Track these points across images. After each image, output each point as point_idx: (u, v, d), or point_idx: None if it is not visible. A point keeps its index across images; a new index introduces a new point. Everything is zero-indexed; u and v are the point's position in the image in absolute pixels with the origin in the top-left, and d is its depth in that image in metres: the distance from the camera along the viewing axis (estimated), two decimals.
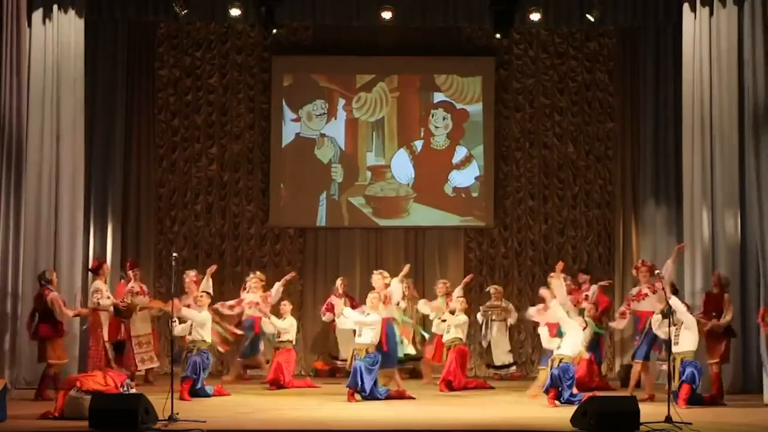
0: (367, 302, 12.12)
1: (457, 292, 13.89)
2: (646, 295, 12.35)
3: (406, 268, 13.13)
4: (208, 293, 12.74)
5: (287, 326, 13.28)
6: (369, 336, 11.80)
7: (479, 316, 14.88)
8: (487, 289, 15.16)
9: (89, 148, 14.01)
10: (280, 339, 13.24)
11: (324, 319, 14.41)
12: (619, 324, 12.91)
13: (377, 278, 12.49)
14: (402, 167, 16.23)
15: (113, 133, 14.64)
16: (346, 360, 13.37)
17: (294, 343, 13.55)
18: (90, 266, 13.34)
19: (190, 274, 13.54)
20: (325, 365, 15.15)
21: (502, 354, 14.81)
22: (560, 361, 11.36)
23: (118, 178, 14.74)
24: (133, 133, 15.46)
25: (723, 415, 10.57)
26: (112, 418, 8.82)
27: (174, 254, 10.97)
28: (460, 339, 13.31)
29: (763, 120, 12.50)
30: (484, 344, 14.90)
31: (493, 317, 14.83)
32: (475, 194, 16.22)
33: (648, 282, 12.37)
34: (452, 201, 16.23)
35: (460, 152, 16.20)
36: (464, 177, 16.19)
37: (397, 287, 12.59)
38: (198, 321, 11.94)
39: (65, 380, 10.39)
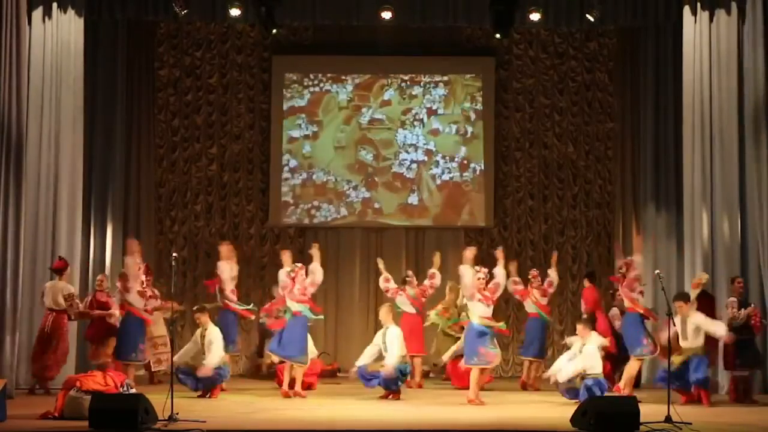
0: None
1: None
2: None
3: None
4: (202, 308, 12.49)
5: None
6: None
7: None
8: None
9: (89, 148, 14.00)
10: None
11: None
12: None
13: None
14: None
15: (113, 133, 14.62)
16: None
17: None
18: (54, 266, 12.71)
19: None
20: (325, 366, 15.13)
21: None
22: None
23: (118, 178, 14.72)
24: (133, 133, 15.45)
25: (722, 415, 10.57)
26: (112, 418, 8.82)
27: (174, 254, 10.96)
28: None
29: (763, 121, 12.52)
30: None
31: None
32: (475, 194, 16.20)
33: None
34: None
35: (461, 152, 16.18)
36: (464, 177, 16.16)
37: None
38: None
39: (65, 380, 10.37)
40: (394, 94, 16.06)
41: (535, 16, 13.72)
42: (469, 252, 11.94)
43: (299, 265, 12.33)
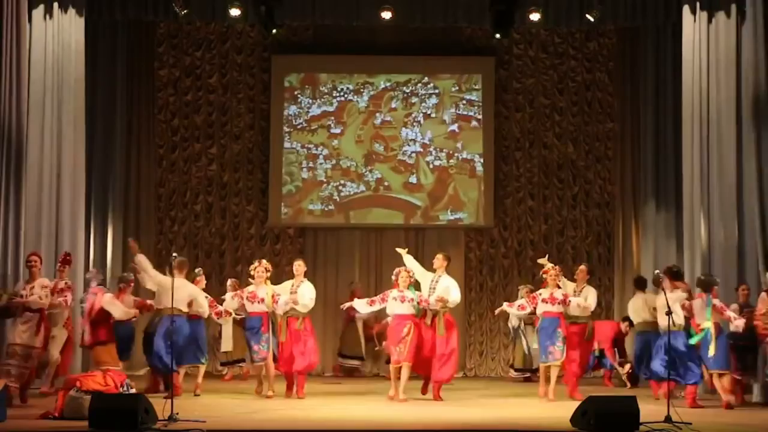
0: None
1: None
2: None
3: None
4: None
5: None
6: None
7: (514, 320, 14.48)
8: (519, 290, 14.75)
9: (89, 148, 14.00)
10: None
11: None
12: None
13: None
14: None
15: (113, 133, 14.66)
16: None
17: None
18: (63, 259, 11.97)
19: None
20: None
21: (533, 357, 14.34)
22: None
23: (118, 178, 14.75)
24: (133, 133, 15.49)
25: (723, 415, 10.57)
26: (112, 418, 8.80)
27: (174, 254, 10.92)
28: None
29: (762, 121, 12.52)
30: (525, 349, 14.50)
31: (526, 320, 14.19)
32: (475, 194, 16.25)
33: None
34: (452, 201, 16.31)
35: (447, 145, 16.30)
36: (450, 163, 16.26)
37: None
38: None
39: (65, 380, 10.36)
40: (398, 103, 16.41)
41: (535, 16, 13.71)
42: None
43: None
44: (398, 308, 11.74)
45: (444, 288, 11.87)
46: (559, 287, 12.12)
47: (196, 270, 12.97)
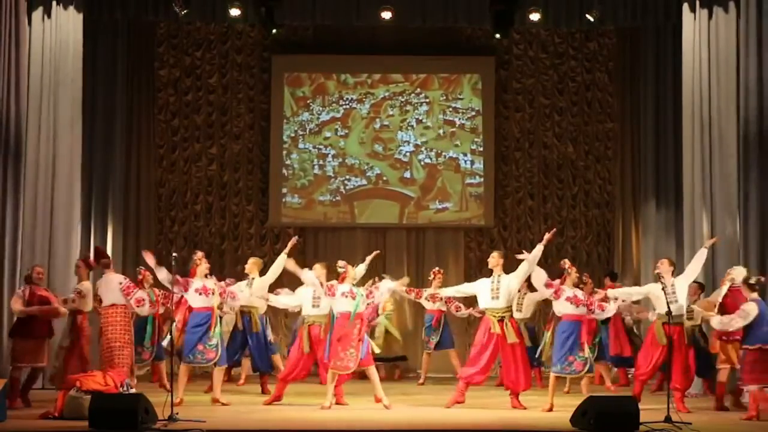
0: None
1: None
2: None
3: None
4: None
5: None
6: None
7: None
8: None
9: (89, 148, 14.00)
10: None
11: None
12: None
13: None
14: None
15: (113, 133, 14.64)
16: None
17: None
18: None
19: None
20: None
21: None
22: None
23: (118, 178, 14.74)
24: (133, 133, 15.49)
25: (723, 414, 10.56)
26: (112, 418, 8.81)
27: (174, 254, 10.89)
28: None
29: (761, 121, 12.51)
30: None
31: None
32: (475, 194, 16.26)
33: None
34: (452, 201, 16.32)
35: (435, 146, 16.47)
36: (438, 161, 16.37)
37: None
38: None
39: (65, 380, 10.35)
40: (395, 110, 16.63)
41: (535, 16, 13.72)
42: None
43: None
44: (344, 305, 10.80)
45: (510, 283, 11.00)
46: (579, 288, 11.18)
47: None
